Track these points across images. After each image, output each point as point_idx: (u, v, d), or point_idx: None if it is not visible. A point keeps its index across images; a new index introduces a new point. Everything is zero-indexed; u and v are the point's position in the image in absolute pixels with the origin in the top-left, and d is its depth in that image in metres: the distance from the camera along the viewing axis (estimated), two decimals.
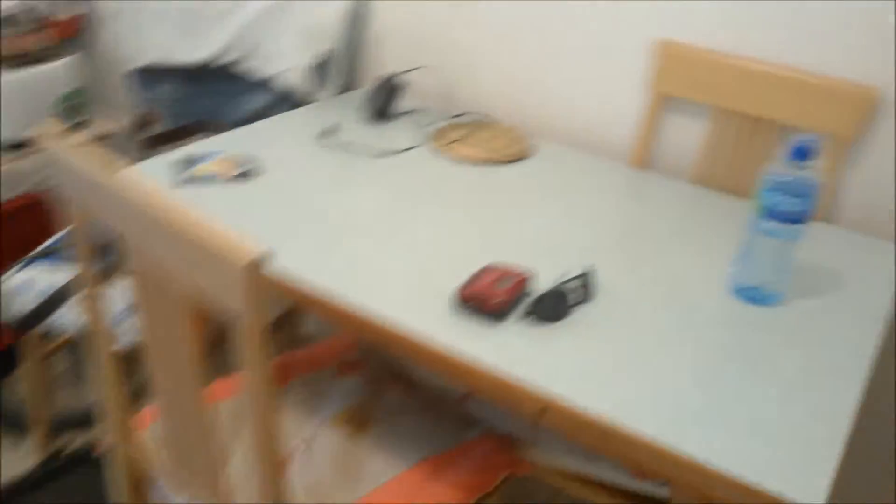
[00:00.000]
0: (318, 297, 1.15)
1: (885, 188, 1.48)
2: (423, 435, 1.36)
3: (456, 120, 1.76)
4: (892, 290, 1.28)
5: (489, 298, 1.12)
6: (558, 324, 1.13)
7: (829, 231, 1.44)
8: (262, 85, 1.89)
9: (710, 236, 1.40)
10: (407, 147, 1.63)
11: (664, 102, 1.63)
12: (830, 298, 1.24)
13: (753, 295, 1.22)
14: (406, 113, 1.80)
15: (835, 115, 1.45)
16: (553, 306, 1.14)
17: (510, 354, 1.06)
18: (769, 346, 1.12)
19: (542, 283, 1.19)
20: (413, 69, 1.90)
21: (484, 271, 1.18)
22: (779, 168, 1.16)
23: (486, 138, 1.68)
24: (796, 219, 1.16)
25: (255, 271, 0.83)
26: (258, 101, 1.82)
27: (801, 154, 1.13)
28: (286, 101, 1.82)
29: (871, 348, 1.13)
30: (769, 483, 0.89)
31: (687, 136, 1.64)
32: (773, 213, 1.16)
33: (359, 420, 1.38)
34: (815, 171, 1.15)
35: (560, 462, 1.42)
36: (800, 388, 1.04)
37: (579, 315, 1.15)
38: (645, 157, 1.68)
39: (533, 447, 1.42)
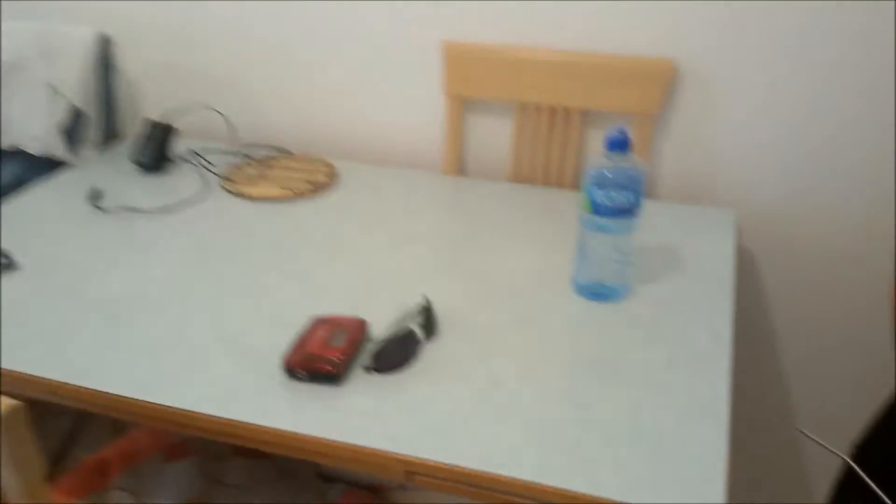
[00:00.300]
0: (117, 402, 0.95)
1: (698, 155, 1.48)
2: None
3: (245, 157, 1.58)
4: (732, 255, 1.27)
5: (323, 360, 0.97)
6: (405, 371, 1.00)
7: (654, 207, 1.41)
8: (9, 154, 1.61)
9: (541, 234, 1.33)
10: (192, 196, 1.44)
11: (463, 104, 1.55)
12: (676, 280, 1.20)
13: (599, 292, 1.16)
14: (185, 158, 1.59)
15: (636, 92, 1.43)
16: (396, 354, 1.01)
17: (359, 420, 0.92)
18: (629, 346, 1.05)
19: (380, 325, 1.06)
20: (184, 109, 1.69)
21: (312, 328, 1.02)
22: (599, 162, 1.10)
23: (283, 172, 1.52)
24: (627, 211, 1.10)
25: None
26: (6, 173, 1.55)
27: (618, 146, 1.08)
28: (40, 168, 1.56)
29: (727, 327, 1.09)
30: (663, 499, 0.81)
31: (494, 135, 1.57)
32: (602, 210, 1.10)
33: None
34: (635, 159, 1.10)
35: (428, 500, 1.29)
36: (669, 386, 0.98)
37: (426, 355, 1.03)
38: (457, 164, 1.58)
39: (402, 491, 1.29)
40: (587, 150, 1.52)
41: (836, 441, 1.04)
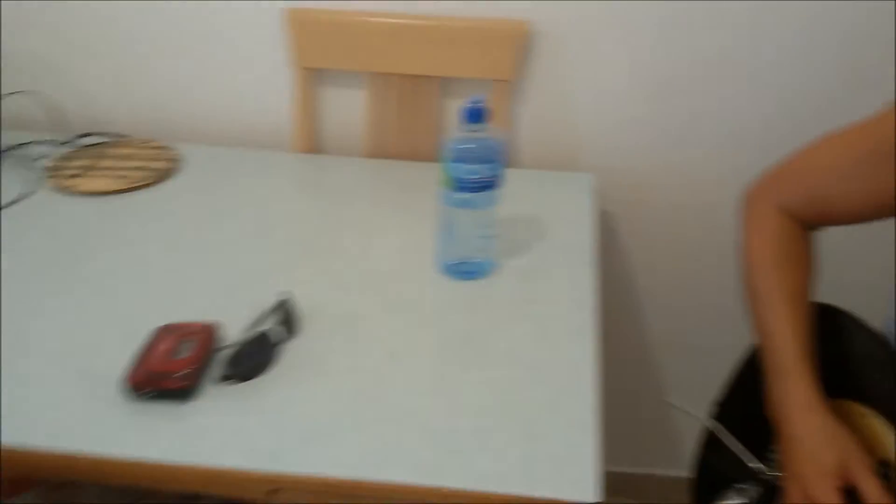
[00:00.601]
0: None
1: (556, 120, 1.45)
2: None
3: (75, 147, 1.43)
4: (591, 221, 1.25)
5: (168, 376, 0.88)
6: (265, 376, 0.93)
7: (515, 176, 1.38)
8: None
9: (404, 211, 1.27)
10: (15, 196, 1.29)
11: (313, 76, 1.46)
12: (540, 250, 1.18)
13: (465, 270, 1.12)
14: (6, 151, 1.43)
15: (491, 57, 1.38)
16: (254, 358, 0.93)
17: (215, 437, 0.84)
18: (497, 325, 1.02)
19: (234, 329, 0.97)
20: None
21: (156, 339, 0.93)
22: (457, 135, 1.05)
23: (118, 162, 1.38)
24: (488, 185, 1.06)
25: None
26: None
27: (475, 117, 1.04)
28: None
29: (591, 295, 1.08)
30: (539, 489, 0.79)
31: (348, 108, 1.49)
32: (463, 185, 1.05)
33: None
34: (493, 130, 1.06)
35: None
36: (538, 362, 0.96)
37: (287, 356, 0.96)
38: (310, 140, 1.49)
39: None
40: (446, 120, 1.47)
41: (705, 402, 1.05)
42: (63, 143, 1.43)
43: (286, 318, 0.99)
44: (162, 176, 1.35)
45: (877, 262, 1.44)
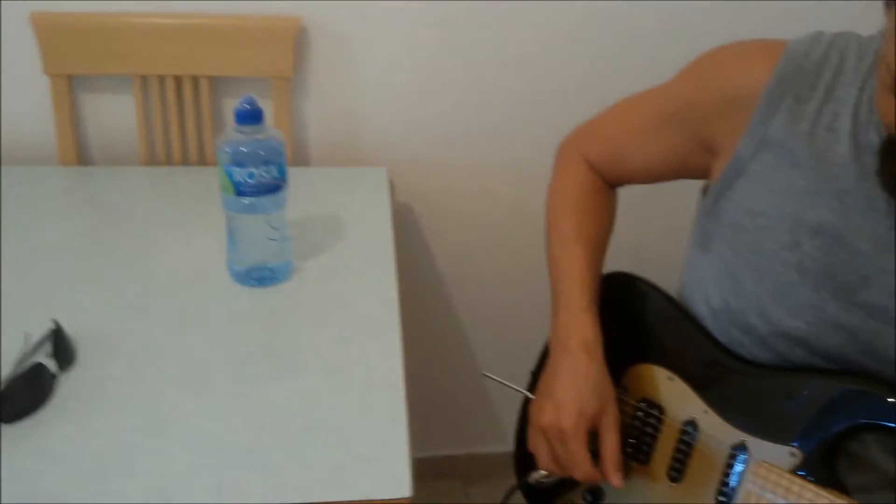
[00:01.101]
0: None
1: (342, 115, 1.43)
2: None
3: None
4: (389, 214, 1.25)
5: None
6: (39, 413, 0.84)
7: (305, 175, 1.35)
8: None
9: (188, 219, 1.21)
10: None
11: (70, 83, 1.34)
12: (338, 248, 1.16)
13: (260, 276, 1.07)
14: None
15: (264, 55, 1.33)
16: (24, 395, 0.84)
17: None
18: (299, 331, 0.99)
19: (4, 366, 0.87)
20: None
21: None
22: (232, 137, 1.00)
23: None
24: (273, 187, 1.02)
25: None
26: None
27: (248, 118, 1.00)
28: None
29: (393, 289, 1.07)
30: (351, 493, 0.77)
31: (116, 114, 1.38)
32: (245, 189, 1.01)
33: None
34: (270, 130, 1.02)
35: None
36: (344, 365, 0.94)
37: (62, 388, 0.87)
38: (77, 152, 1.37)
39: None
40: (225, 121, 1.41)
41: (522, 375, 1.07)
42: None
43: (57, 348, 0.90)
44: None
45: (669, 233, 1.54)
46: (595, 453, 0.85)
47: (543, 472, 0.96)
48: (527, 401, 1.04)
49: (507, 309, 1.67)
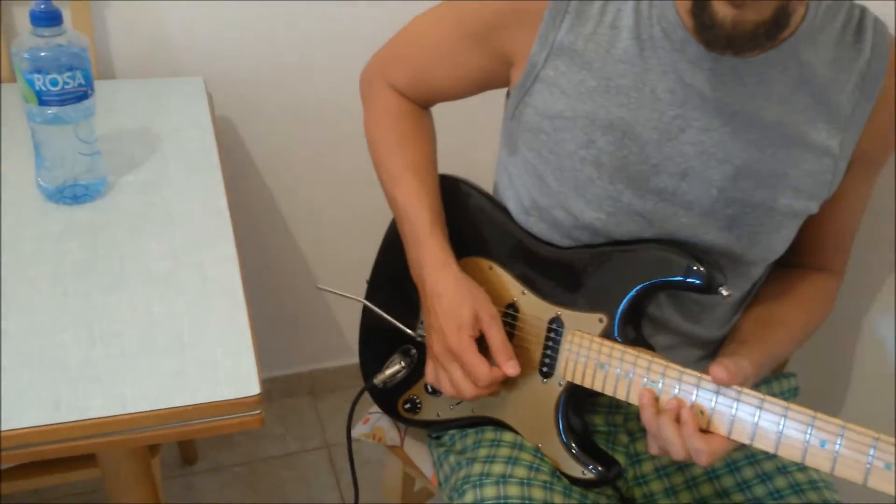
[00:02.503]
0: None
1: (149, 26, 1.35)
2: None
3: None
4: (210, 125, 1.20)
5: None
6: None
7: (112, 87, 1.27)
8: None
9: None
10: None
11: None
12: (158, 161, 1.11)
13: (72, 194, 1.01)
14: None
15: None
16: None
17: None
18: (124, 244, 0.95)
19: None
20: None
21: None
22: (30, 42, 0.93)
23: None
24: (77, 96, 0.96)
25: None
26: None
27: (46, 20, 0.93)
28: None
29: (222, 198, 1.04)
30: (198, 396, 0.77)
31: None
32: (49, 98, 0.94)
33: None
34: (73, 34, 0.95)
35: None
36: (178, 274, 0.91)
37: None
38: None
39: None
40: (19, 31, 1.29)
41: (358, 284, 1.09)
42: None
43: None
44: None
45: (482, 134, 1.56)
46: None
47: (388, 373, 1.00)
48: (366, 311, 1.07)
49: (338, 219, 1.67)
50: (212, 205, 1.03)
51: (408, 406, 1.02)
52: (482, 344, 0.87)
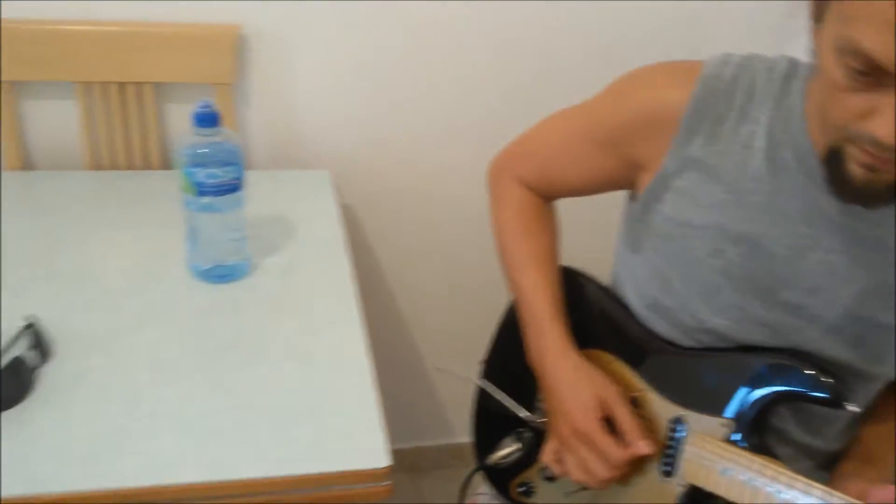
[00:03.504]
0: None
1: (283, 120, 1.49)
2: None
3: None
4: (338, 215, 1.32)
5: None
6: (24, 404, 0.88)
7: (251, 177, 1.39)
8: None
9: (139, 221, 1.25)
10: None
11: (14, 89, 1.35)
12: (292, 247, 1.22)
13: (220, 273, 1.13)
14: None
15: (206, 62, 1.38)
16: (9, 386, 0.88)
17: None
18: (263, 322, 1.05)
19: None
20: None
21: None
22: (191, 139, 1.06)
23: None
24: (231, 188, 1.08)
25: None
26: None
27: (206, 121, 1.05)
28: None
29: (350, 284, 1.14)
30: (333, 464, 0.85)
31: (60, 120, 1.40)
32: (206, 189, 1.06)
33: None
34: (227, 132, 1.08)
35: None
36: (311, 353, 1.01)
37: (44, 380, 0.91)
38: (21, 157, 1.39)
39: None
40: (168, 125, 1.45)
41: (472, 365, 1.15)
42: None
43: (36, 342, 0.94)
44: None
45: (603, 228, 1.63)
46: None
47: (501, 454, 1.03)
48: (480, 391, 1.12)
49: (452, 302, 1.75)
50: (342, 289, 1.13)
51: (522, 490, 1.05)
52: (608, 427, 0.89)
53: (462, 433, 1.91)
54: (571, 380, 0.91)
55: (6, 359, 0.90)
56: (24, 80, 1.35)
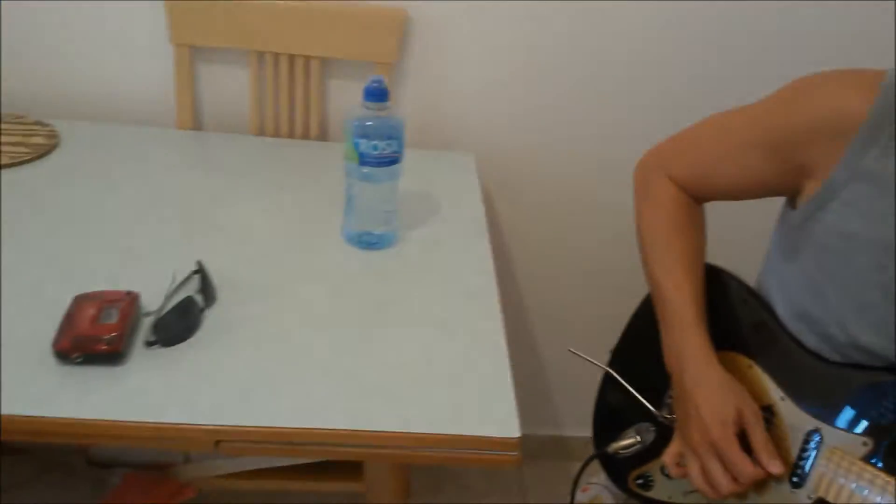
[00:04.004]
0: None
1: (434, 101, 1.54)
2: (66, 501, 1.08)
3: None
4: (480, 196, 1.36)
5: (97, 340, 0.89)
6: (190, 341, 0.95)
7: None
8: None
9: (295, 186, 1.32)
10: None
11: (193, 53, 1.46)
12: (435, 223, 1.26)
13: (370, 240, 1.18)
14: None
15: (372, 41, 1.44)
16: (179, 324, 0.96)
17: (151, 396, 0.86)
18: (407, 289, 1.10)
19: (151, 298, 0.99)
20: None
21: (78, 307, 0.93)
22: (360, 112, 1.11)
23: None
24: (390, 160, 1.13)
25: None
26: None
27: (377, 95, 1.10)
28: None
29: (489, 261, 1.18)
30: (467, 428, 0.88)
31: (231, 86, 1.50)
32: (367, 160, 1.12)
33: None
34: (393, 108, 1.13)
35: (219, 466, 1.23)
36: (450, 321, 1.04)
37: (208, 321, 0.99)
38: (193, 118, 1.49)
39: (184, 465, 1.22)
40: (329, 99, 1.52)
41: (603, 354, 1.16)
42: None
43: (203, 287, 1.02)
44: (42, 152, 1.31)
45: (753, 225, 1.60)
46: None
47: (623, 444, 1.05)
48: (606, 377, 1.13)
49: (578, 297, 1.77)
50: (480, 266, 1.16)
51: (640, 482, 1.06)
52: (741, 442, 0.88)
53: (568, 426, 1.93)
54: (713, 389, 0.90)
55: (177, 299, 0.98)
56: (201, 45, 1.45)
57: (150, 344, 0.93)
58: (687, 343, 0.94)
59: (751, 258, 1.09)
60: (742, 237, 1.39)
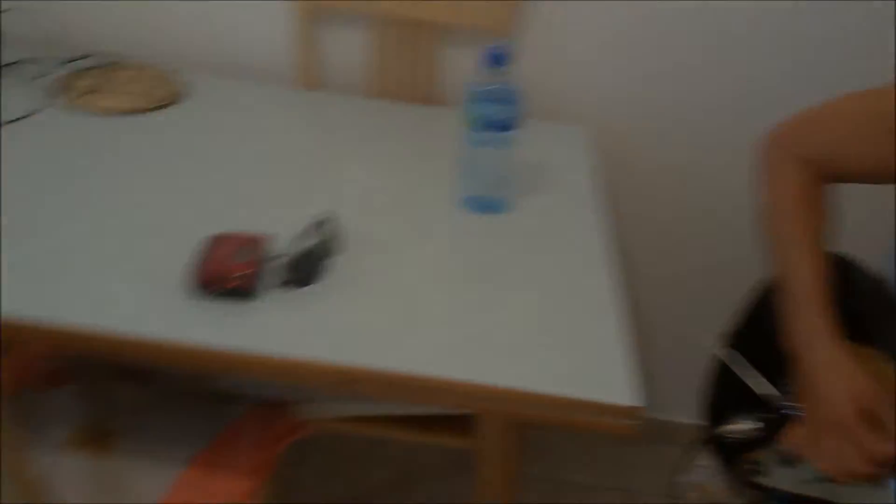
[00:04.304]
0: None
1: (550, 73, 1.55)
2: (184, 429, 1.15)
3: (78, 66, 1.43)
4: (593, 169, 1.37)
5: (231, 276, 0.94)
6: (317, 286, 0.99)
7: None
8: None
9: (410, 149, 1.35)
10: (27, 111, 1.28)
11: (315, 15, 1.50)
12: (551, 193, 1.28)
13: (483, 204, 1.20)
14: (8, 66, 1.40)
15: (493, 11, 1.46)
16: (310, 267, 1.00)
17: (282, 332, 0.91)
18: (520, 253, 1.12)
19: (280, 242, 1.03)
20: None
21: (213, 246, 0.98)
22: (479, 78, 1.12)
23: (125, 83, 1.39)
24: (507, 126, 1.14)
25: None
26: None
27: (497, 61, 1.11)
28: None
29: (602, 232, 1.18)
30: (587, 393, 0.89)
31: (350, 48, 1.54)
32: (484, 124, 1.13)
33: (99, 436, 1.11)
34: (513, 76, 1.14)
35: (336, 409, 1.29)
36: (564, 287, 1.06)
37: (334, 270, 1.02)
38: (313, 77, 1.54)
39: (304, 404, 1.28)
40: (448, 66, 1.54)
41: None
42: (64, 63, 1.42)
43: (330, 235, 1.05)
44: (169, 101, 1.37)
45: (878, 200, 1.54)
46: None
47: (738, 428, 1.02)
48: (719, 364, 1.10)
49: (682, 276, 1.76)
50: (593, 237, 1.17)
51: (751, 469, 1.03)
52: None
53: (668, 411, 1.91)
54: (843, 366, 0.88)
55: (307, 244, 1.02)
56: (325, 7, 1.48)
57: (284, 284, 0.97)
58: (812, 319, 0.92)
59: (867, 244, 1.07)
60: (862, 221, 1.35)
